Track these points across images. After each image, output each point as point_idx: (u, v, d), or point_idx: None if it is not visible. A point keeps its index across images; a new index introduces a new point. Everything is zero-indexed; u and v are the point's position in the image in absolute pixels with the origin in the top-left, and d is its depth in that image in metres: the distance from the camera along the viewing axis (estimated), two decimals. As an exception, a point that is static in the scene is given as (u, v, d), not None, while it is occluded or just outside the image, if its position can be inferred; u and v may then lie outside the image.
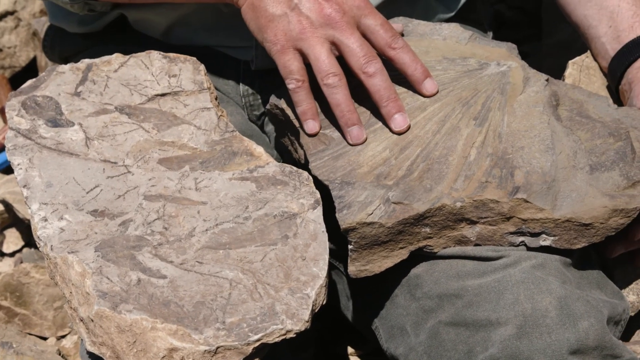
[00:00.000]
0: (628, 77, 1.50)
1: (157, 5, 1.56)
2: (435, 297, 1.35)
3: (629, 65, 1.51)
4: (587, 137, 1.41)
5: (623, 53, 1.52)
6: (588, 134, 1.41)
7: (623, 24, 1.54)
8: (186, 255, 1.25)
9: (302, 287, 1.22)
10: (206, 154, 1.36)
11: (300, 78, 1.37)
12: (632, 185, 1.35)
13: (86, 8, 1.56)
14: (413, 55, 1.40)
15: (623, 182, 1.35)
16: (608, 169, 1.37)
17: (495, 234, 1.34)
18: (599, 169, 1.37)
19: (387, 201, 1.31)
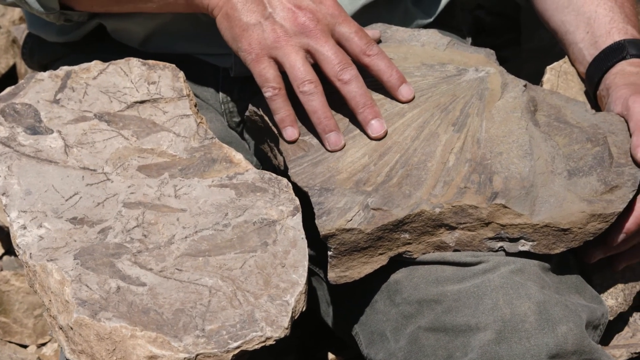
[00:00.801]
0: (605, 83, 1.51)
1: (134, 15, 1.56)
2: (415, 303, 1.35)
3: (606, 71, 1.52)
4: (565, 143, 1.41)
5: (600, 59, 1.53)
6: (566, 139, 1.42)
7: (600, 29, 1.55)
8: (165, 262, 1.24)
9: (282, 294, 1.22)
10: (185, 161, 1.36)
11: (277, 86, 1.37)
12: (610, 190, 1.36)
13: (62, 18, 1.56)
14: (388, 62, 1.40)
15: (601, 187, 1.36)
16: (586, 174, 1.37)
17: (474, 239, 1.35)
18: (576, 174, 1.37)
19: (366, 207, 1.31)
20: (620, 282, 1.52)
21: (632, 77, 1.48)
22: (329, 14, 1.38)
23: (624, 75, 1.50)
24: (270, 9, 1.37)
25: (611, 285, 1.52)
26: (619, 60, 1.52)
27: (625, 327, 1.61)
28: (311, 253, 1.37)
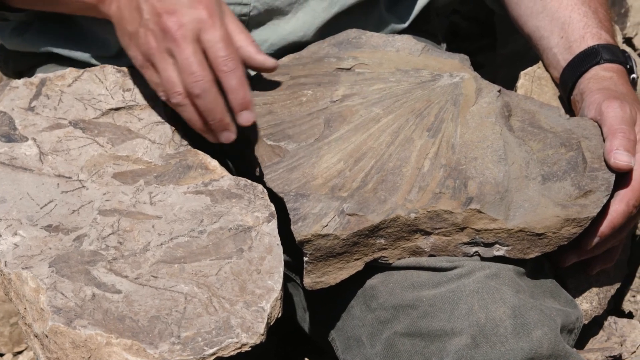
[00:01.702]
0: (579, 88, 1.52)
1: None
2: (391, 308, 1.36)
3: (580, 75, 1.52)
4: (539, 148, 1.42)
5: (574, 63, 1.54)
6: (540, 144, 1.43)
7: (574, 34, 1.56)
8: (141, 269, 1.24)
9: (257, 301, 1.22)
10: (161, 167, 1.36)
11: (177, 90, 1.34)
12: (584, 195, 1.36)
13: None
14: (240, 81, 1.34)
15: (575, 192, 1.37)
16: (560, 178, 1.38)
17: (449, 244, 1.35)
18: (551, 179, 1.38)
19: (341, 213, 1.31)
20: (594, 286, 1.53)
21: (605, 82, 1.49)
22: (196, 18, 1.32)
23: (597, 80, 1.50)
24: (146, 15, 1.33)
25: (586, 289, 1.52)
26: (592, 65, 1.52)
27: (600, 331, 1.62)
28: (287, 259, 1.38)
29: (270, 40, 1.56)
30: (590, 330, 1.60)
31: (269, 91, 1.47)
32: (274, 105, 1.45)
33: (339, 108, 1.44)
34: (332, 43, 1.55)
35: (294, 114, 1.44)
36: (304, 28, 1.57)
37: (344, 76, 1.49)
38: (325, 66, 1.51)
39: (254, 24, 1.54)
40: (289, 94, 1.47)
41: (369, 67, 1.49)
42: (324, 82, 1.48)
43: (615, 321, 1.65)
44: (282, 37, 1.56)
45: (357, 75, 1.49)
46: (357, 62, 1.51)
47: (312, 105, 1.44)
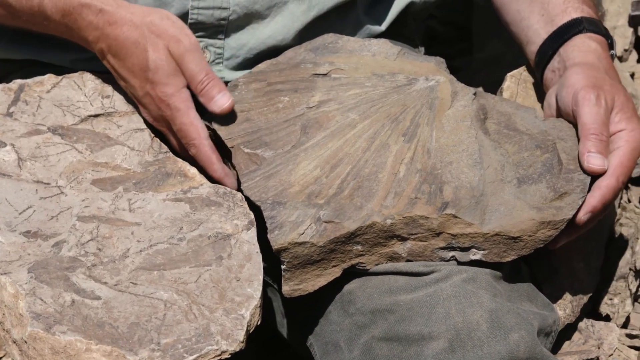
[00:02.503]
0: (561, 55, 1.51)
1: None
2: (368, 313, 1.36)
3: (563, 43, 1.52)
4: (514, 150, 1.43)
5: (557, 34, 1.53)
6: (515, 146, 1.43)
7: (555, 9, 1.56)
8: (120, 276, 1.25)
9: (237, 308, 1.23)
10: (140, 174, 1.36)
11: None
12: (559, 197, 1.37)
13: None
14: (206, 160, 1.42)
15: (550, 194, 1.37)
16: (535, 181, 1.39)
17: (425, 249, 1.35)
18: (526, 182, 1.39)
19: (318, 220, 1.32)
20: (569, 294, 1.54)
21: (590, 55, 1.49)
22: (160, 115, 1.44)
23: (582, 51, 1.50)
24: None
25: (560, 296, 1.53)
26: (576, 33, 1.52)
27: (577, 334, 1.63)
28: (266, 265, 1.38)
29: (249, 44, 1.56)
30: (566, 334, 1.60)
31: (246, 98, 1.47)
32: (250, 113, 1.45)
33: (315, 114, 1.44)
34: (308, 48, 1.55)
35: (271, 121, 1.44)
36: (283, 32, 1.57)
37: (320, 82, 1.49)
38: (301, 72, 1.51)
39: (233, 28, 1.55)
40: (265, 100, 1.47)
41: (345, 72, 1.50)
42: (301, 88, 1.48)
43: (592, 324, 1.66)
44: (261, 41, 1.56)
45: (334, 80, 1.49)
46: (333, 67, 1.51)
47: (288, 111, 1.44)
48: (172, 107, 1.39)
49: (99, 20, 1.39)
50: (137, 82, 1.40)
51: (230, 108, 1.43)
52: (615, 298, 1.72)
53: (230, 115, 1.44)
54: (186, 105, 1.39)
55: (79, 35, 1.42)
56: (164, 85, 1.38)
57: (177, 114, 1.39)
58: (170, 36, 1.40)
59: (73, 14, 1.40)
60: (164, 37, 1.40)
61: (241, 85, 1.49)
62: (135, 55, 1.39)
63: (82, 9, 1.40)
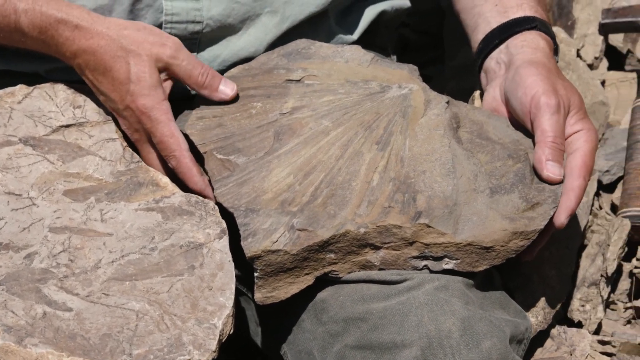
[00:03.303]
0: (510, 49, 1.51)
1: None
2: (341, 321, 1.36)
3: (513, 34, 1.52)
4: (487, 160, 1.43)
5: (508, 25, 1.53)
6: (488, 156, 1.43)
7: (511, 3, 1.56)
8: (92, 287, 1.24)
9: (209, 317, 1.23)
10: (112, 184, 1.36)
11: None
12: (531, 208, 1.37)
13: None
14: (186, 173, 1.42)
15: (522, 205, 1.38)
16: (508, 191, 1.39)
17: (398, 258, 1.36)
18: (499, 192, 1.39)
19: (291, 228, 1.32)
20: (541, 301, 1.55)
21: (538, 53, 1.49)
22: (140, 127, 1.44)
23: (532, 49, 1.50)
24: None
25: (532, 303, 1.54)
26: (528, 29, 1.52)
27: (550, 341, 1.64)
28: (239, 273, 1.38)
29: (222, 57, 1.56)
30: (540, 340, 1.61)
31: (219, 104, 1.47)
32: (223, 118, 1.45)
33: (288, 121, 1.44)
34: (281, 54, 1.55)
35: (244, 127, 1.44)
36: (256, 44, 1.57)
37: (294, 88, 1.49)
38: (274, 77, 1.51)
39: (207, 42, 1.55)
40: (238, 106, 1.47)
41: (318, 78, 1.50)
42: (274, 94, 1.48)
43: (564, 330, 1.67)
44: (234, 53, 1.57)
45: (307, 87, 1.49)
46: (306, 74, 1.51)
47: (261, 117, 1.44)
48: (153, 119, 1.39)
49: (75, 36, 1.40)
50: (117, 95, 1.40)
51: (236, 94, 1.47)
52: (587, 304, 1.72)
53: (202, 121, 1.44)
54: (167, 117, 1.40)
55: (56, 51, 1.42)
56: (145, 97, 1.39)
57: (158, 125, 1.39)
58: (152, 43, 1.41)
59: (50, 31, 1.40)
60: (144, 46, 1.40)
61: None
62: (115, 69, 1.39)
63: (58, 25, 1.40)
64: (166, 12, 1.50)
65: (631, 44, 2.28)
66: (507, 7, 1.55)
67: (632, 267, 1.80)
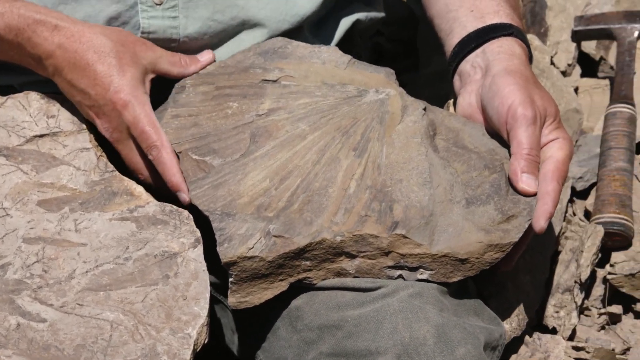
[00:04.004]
0: (487, 54, 1.51)
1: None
2: (316, 329, 1.36)
3: (490, 39, 1.52)
4: (463, 169, 1.43)
5: (485, 30, 1.53)
6: (464, 165, 1.43)
7: (488, 9, 1.56)
8: (66, 297, 1.24)
9: (184, 327, 1.23)
10: (86, 194, 1.36)
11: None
12: (507, 220, 1.37)
13: None
14: (164, 166, 1.41)
15: (498, 217, 1.38)
16: (483, 202, 1.39)
17: (374, 267, 1.36)
18: (474, 203, 1.39)
19: (267, 234, 1.32)
20: (515, 308, 1.55)
21: (515, 60, 1.48)
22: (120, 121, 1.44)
23: (508, 54, 1.50)
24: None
25: (506, 310, 1.54)
26: (505, 35, 1.52)
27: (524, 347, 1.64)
28: (215, 280, 1.38)
29: None
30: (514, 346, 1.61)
31: (194, 101, 1.47)
32: (199, 117, 1.45)
33: (264, 122, 1.44)
34: (257, 52, 1.54)
35: (219, 127, 1.44)
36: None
37: (270, 88, 1.49)
38: (250, 77, 1.51)
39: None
40: (214, 105, 1.47)
41: (295, 79, 1.49)
42: (250, 94, 1.48)
43: (539, 337, 1.68)
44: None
45: (283, 88, 1.49)
46: (283, 74, 1.51)
47: (237, 118, 1.44)
48: (134, 111, 1.39)
49: (54, 36, 1.40)
50: (99, 89, 1.39)
51: (213, 57, 1.53)
52: (561, 311, 1.73)
53: (177, 120, 1.44)
54: (149, 109, 1.40)
55: (31, 54, 1.42)
56: (127, 90, 1.39)
57: (139, 116, 1.39)
58: (134, 42, 1.43)
59: (27, 32, 1.40)
60: (127, 44, 1.42)
61: (189, 87, 1.49)
62: (97, 63, 1.39)
63: (36, 26, 1.40)
64: (143, 29, 1.50)
65: (604, 51, 2.30)
66: (484, 13, 1.55)
67: (605, 273, 1.80)
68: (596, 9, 2.33)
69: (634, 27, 2.19)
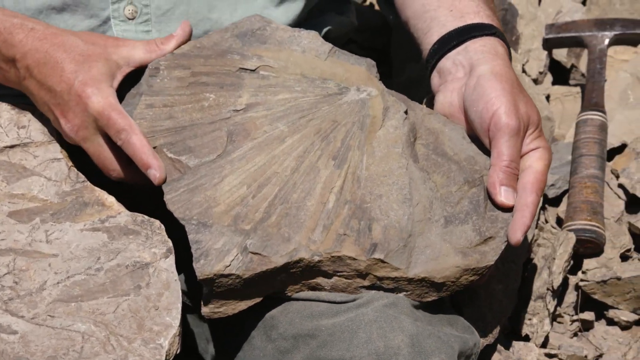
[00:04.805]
0: (469, 53, 1.49)
1: None
2: (291, 338, 1.36)
3: (473, 38, 1.51)
4: (442, 182, 1.41)
5: (467, 29, 1.52)
6: (444, 178, 1.41)
7: (467, 9, 1.55)
8: (37, 309, 1.23)
9: (156, 337, 1.22)
10: (57, 205, 1.35)
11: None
12: (484, 242, 1.37)
13: None
14: (134, 148, 1.39)
15: (476, 238, 1.37)
16: (462, 221, 1.38)
17: (349, 285, 1.35)
18: (453, 222, 1.38)
19: (244, 250, 1.30)
20: (488, 316, 1.56)
21: (499, 61, 1.47)
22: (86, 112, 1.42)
23: (491, 54, 1.48)
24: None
25: (479, 317, 1.55)
26: (487, 34, 1.51)
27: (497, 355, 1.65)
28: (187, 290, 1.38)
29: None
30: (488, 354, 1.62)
31: (168, 88, 1.44)
32: (174, 109, 1.42)
33: (242, 119, 1.41)
34: (235, 34, 1.51)
35: (196, 121, 1.41)
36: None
37: (248, 79, 1.46)
38: (228, 64, 1.47)
39: None
40: (189, 95, 1.44)
41: (273, 70, 1.46)
42: (227, 84, 1.45)
43: (512, 344, 1.68)
44: None
45: (262, 79, 1.46)
46: (261, 63, 1.47)
47: (214, 112, 1.41)
48: (99, 102, 1.38)
49: (29, 37, 1.40)
50: (65, 85, 1.38)
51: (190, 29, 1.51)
52: (534, 318, 1.74)
53: (152, 110, 1.42)
54: (115, 100, 1.39)
55: (5, 56, 1.42)
56: (94, 83, 1.38)
57: (104, 106, 1.37)
58: (105, 39, 1.44)
59: (3, 34, 1.41)
60: (100, 43, 1.42)
61: (163, 71, 1.46)
62: (67, 60, 1.39)
63: (12, 28, 1.41)
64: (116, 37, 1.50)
65: (575, 59, 2.31)
66: (464, 13, 1.54)
67: (577, 280, 1.81)
68: (567, 17, 2.35)
69: (605, 34, 2.20)
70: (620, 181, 1.95)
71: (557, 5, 2.38)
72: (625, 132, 2.09)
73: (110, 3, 1.52)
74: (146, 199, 1.46)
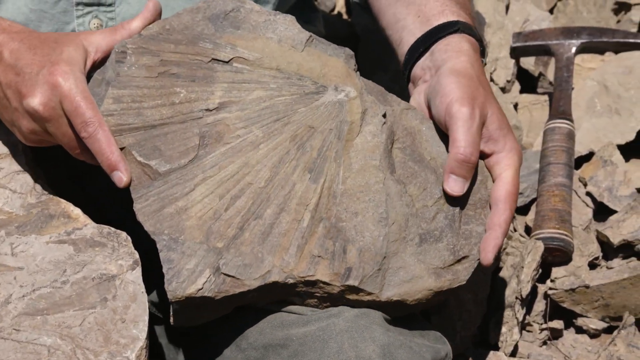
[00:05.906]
0: (434, 55, 1.50)
1: None
2: (261, 348, 1.36)
3: (437, 41, 1.51)
4: (418, 195, 1.39)
5: (431, 33, 1.52)
6: (420, 190, 1.40)
7: (432, 11, 1.55)
8: (2, 323, 1.22)
9: (122, 350, 1.22)
10: (22, 217, 1.35)
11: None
12: (458, 261, 1.37)
13: None
14: (99, 145, 1.36)
15: (449, 258, 1.36)
16: (437, 239, 1.37)
17: (321, 304, 1.35)
18: (427, 240, 1.37)
19: (217, 271, 1.28)
20: (457, 325, 1.56)
21: (462, 58, 1.47)
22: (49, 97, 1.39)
23: (455, 52, 1.48)
24: (13, 103, 1.41)
25: (449, 327, 1.55)
26: (450, 33, 1.51)
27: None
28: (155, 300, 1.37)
29: None
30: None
31: (136, 78, 1.39)
32: (142, 105, 1.37)
33: (214, 120, 1.37)
34: (207, 16, 1.44)
35: (166, 120, 1.36)
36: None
37: (221, 72, 1.40)
38: (199, 53, 1.41)
39: None
40: (159, 88, 1.38)
41: (248, 62, 1.41)
42: (199, 77, 1.39)
43: (481, 353, 1.69)
44: None
45: (235, 73, 1.40)
46: (235, 54, 1.41)
47: (185, 109, 1.37)
48: (70, 84, 1.35)
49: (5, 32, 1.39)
50: (36, 66, 1.35)
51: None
52: (503, 327, 1.74)
53: (119, 105, 1.37)
54: (85, 86, 1.36)
55: None
56: (64, 64, 1.35)
57: (74, 90, 1.34)
58: (76, 34, 1.41)
59: None
60: (70, 36, 1.40)
61: (130, 56, 1.40)
62: (40, 47, 1.37)
63: None
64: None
65: (542, 67, 2.32)
66: (429, 16, 1.54)
67: (546, 289, 1.82)
68: (534, 25, 2.36)
69: (572, 43, 2.22)
70: (588, 189, 1.96)
71: (524, 13, 2.39)
72: (593, 140, 2.10)
73: (75, 17, 1.51)
74: (116, 203, 1.45)
